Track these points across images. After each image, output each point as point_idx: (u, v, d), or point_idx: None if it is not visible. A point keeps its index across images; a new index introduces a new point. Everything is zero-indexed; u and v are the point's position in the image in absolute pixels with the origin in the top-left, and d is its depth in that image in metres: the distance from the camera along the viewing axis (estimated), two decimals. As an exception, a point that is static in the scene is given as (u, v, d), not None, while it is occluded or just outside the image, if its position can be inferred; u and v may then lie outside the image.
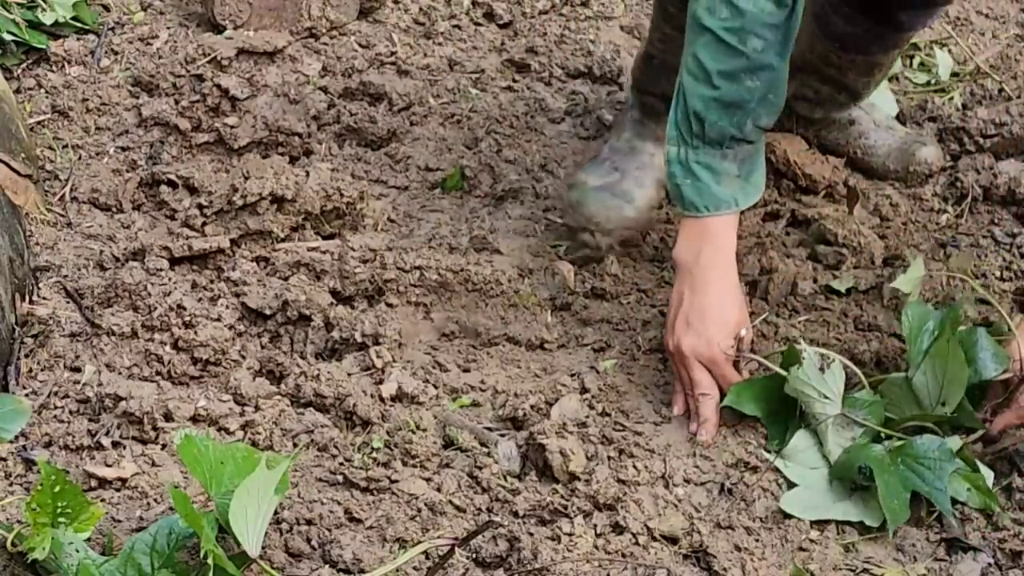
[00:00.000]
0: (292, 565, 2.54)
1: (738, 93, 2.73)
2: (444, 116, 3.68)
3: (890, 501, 2.64)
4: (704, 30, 2.72)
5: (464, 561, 2.57)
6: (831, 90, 3.49)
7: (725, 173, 2.79)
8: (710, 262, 2.81)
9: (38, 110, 3.63)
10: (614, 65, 3.84)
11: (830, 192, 3.48)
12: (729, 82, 2.72)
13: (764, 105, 2.76)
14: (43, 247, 3.22)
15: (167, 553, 2.41)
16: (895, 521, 2.64)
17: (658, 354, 3.03)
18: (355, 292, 3.13)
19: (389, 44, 3.92)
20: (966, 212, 3.47)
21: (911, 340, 2.83)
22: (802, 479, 2.74)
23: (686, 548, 2.63)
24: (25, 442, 2.76)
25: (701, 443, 2.81)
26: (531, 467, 2.77)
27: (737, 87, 2.72)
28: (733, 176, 2.79)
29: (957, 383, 2.74)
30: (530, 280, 3.20)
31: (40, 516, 2.38)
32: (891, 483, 2.66)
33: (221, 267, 3.19)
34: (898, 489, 2.66)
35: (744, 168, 2.80)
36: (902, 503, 2.65)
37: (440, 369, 3.01)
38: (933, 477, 2.67)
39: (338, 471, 2.72)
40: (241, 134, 3.54)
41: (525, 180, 3.47)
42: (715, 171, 2.78)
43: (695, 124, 2.76)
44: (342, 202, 3.31)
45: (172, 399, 2.83)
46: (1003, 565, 2.65)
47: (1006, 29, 4.10)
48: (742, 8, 2.69)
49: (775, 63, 2.73)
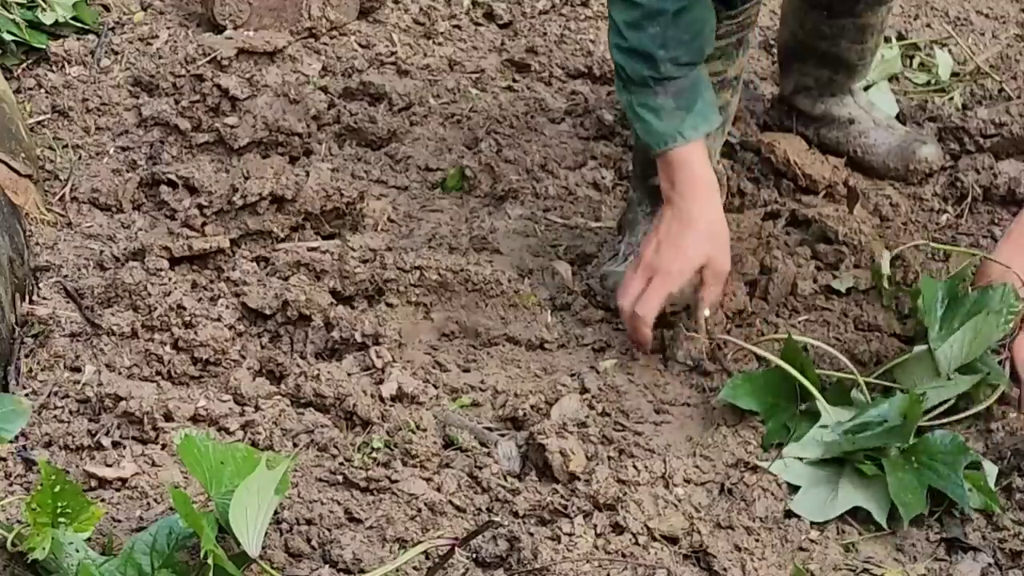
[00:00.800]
0: (292, 565, 2.54)
1: (641, 41, 2.87)
2: (444, 116, 3.68)
3: (904, 496, 2.65)
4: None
5: (464, 561, 2.57)
6: (829, 72, 3.52)
7: (663, 109, 2.91)
8: (685, 189, 2.93)
9: (38, 110, 3.63)
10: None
11: (830, 192, 3.48)
12: (633, 31, 2.87)
13: (675, 45, 2.88)
14: (43, 247, 3.22)
15: (167, 553, 2.41)
16: (909, 513, 2.65)
17: (658, 354, 3.04)
18: (355, 292, 3.13)
19: (389, 44, 3.92)
20: (966, 212, 3.48)
21: (927, 312, 2.86)
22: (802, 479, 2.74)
23: (686, 548, 2.63)
24: (25, 442, 2.76)
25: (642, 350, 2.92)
26: (531, 467, 2.77)
27: (640, 34, 2.87)
28: (672, 110, 2.90)
29: (982, 339, 2.78)
30: (530, 280, 3.20)
31: (40, 516, 2.38)
32: (905, 480, 2.67)
33: (221, 267, 3.19)
34: (914, 485, 2.67)
35: (682, 101, 2.90)
36: (917, 498, 2.66)
37: (440, 369, 3.01)
38: (948, 471, 2.68)
39: (338, 471, 2.72)
40: (241, 134, 3.54)
41: (525, 180, 3.47)
42: (654, 109, 2.91)
43: (621, 72, 2.92)
44: (342, 202, 3.31)
45: (172, 399, 2.83)
46: (1003, 565, 2.65)
47: (1006, 29, 4.10)
48: None
49: (669, 6, 2.84)
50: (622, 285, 2.98)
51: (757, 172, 3.54)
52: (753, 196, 3.48)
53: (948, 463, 2.69)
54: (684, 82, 2.90)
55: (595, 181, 3.48)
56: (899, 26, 4.05)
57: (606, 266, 3.22)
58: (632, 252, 3.19)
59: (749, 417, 2.85)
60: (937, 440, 2.71)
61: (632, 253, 3.18)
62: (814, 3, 3.43)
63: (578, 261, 3.27)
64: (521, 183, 3.46)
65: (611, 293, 3.14)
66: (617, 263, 3.20)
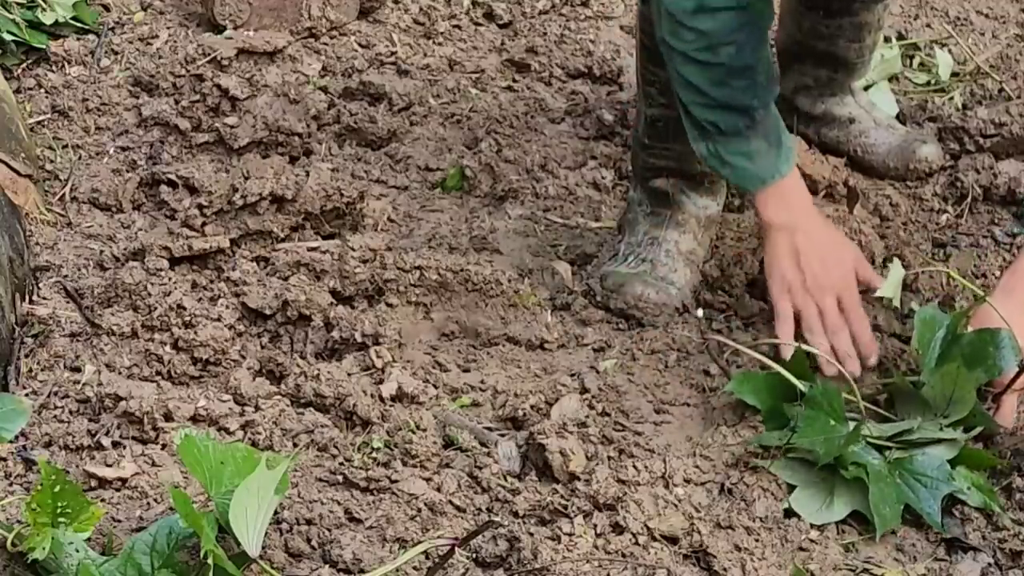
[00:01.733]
0: (292, 565, 2.54)
1: (732, 96, 2.82)
2: (444, 116, 3.68)
3: (882, 508, 2.65)
4: (676, 52, 2.82)
5: (464, 561, 2.57)
6: (828, 71, 3.52)
7: (757, 152, 2.88)
8: (802, 211, 2.96)
9: (38, 110, 3.63)
10: (614, 65, 3.84)
11: (830, 192, 3.48)
12: (718, 87, 2.81)
13: (763, 92, 2.86)
14: (43, 247, 3.22)
15: (167, 553, 2.41)
16: (883, 526, 2.65)
17: (658, 354, 3.04)
18: (355, 292, 3.13)
19: (389, 44, 3.92)
20: (966, 212, 3.47)
21: (922, 347, 2.85)
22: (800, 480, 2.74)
23: (686, 548, 2.63)
24: (25, 442, 2.76)
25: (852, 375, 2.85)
26: (531, 467, 2.77)
27: (727, 90, 2.82)
28: (765, 150, 2.88)
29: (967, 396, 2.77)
30: (530, 280, 3.20)
31: (40, 516, 2.38)
32: (885, 492, 2.67)
33: (221, 267, 3.19)
34: (892, 499, 2.67)
35: (771, 138, 2.89)
36: (894, 512, 2.66)
37: (440, 369, 3.01)
38: (928, 495, 2.68)
39: (338, 471, 2.72)
40: (241, 134, 3.54)
41: (525, 180, 3.47)
42: (747, 154, 2.88)
43: (708, 126, 2.86)
44: (342, 202, 3.31)
45: (172, 399, 2.83)
46: (1003, 565, 2.65)
47: (1006, 29, 4.10)
48: (703, 29, 2.77)
49: (751, 60, 2.81)
50: (780, 319, 2.94)
51: (757, 172, 3.54)
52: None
53: (929, 486, 2.69)
54: (769, 119, 2.88)
55: (595, 181, 3.48)
56: (899, 26, 4.05)
57: (606, 266, 3.21)
58: (632, 252, 3.19)
59: (749, 417, 2.85)
60: (925, 461, 2.71)
61: (632, 254, 3.19)
62: (811, 4, 3.44)
63: (578, 261, 3.27)
64: (521, 183, 3.46)
65: (611, 294, 3.14)
66: (617, 263, 3.20)
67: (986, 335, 2.81)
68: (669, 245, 3.21)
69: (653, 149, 3.20)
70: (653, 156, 3.21)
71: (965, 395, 2.76)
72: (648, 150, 3.21)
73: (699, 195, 3.22)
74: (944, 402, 2.78)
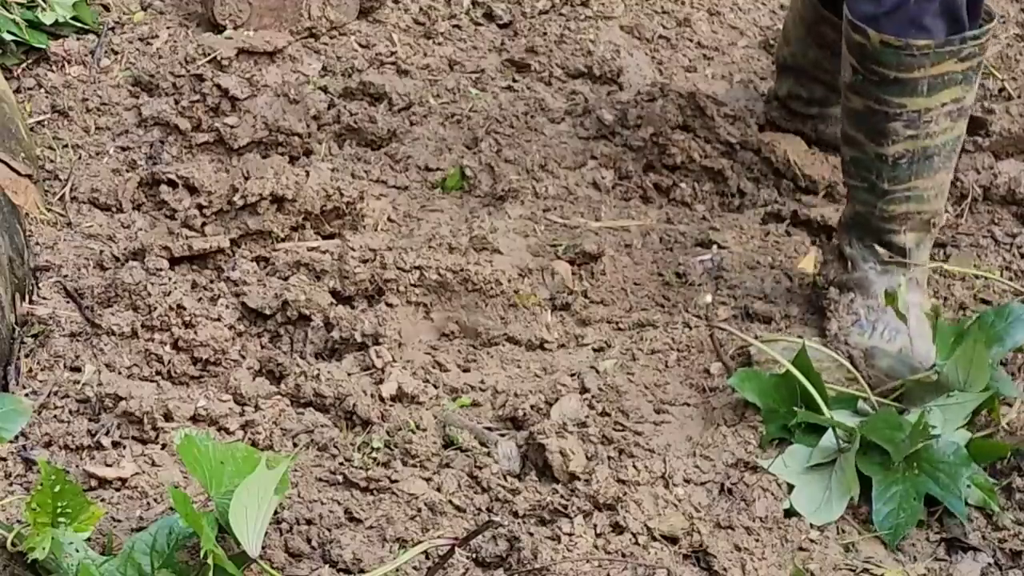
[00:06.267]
0: (292, 565, 2.55)
1: None
2: (444, 116, 3.68)
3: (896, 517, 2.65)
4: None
5: (464, 561, 2.57)
6: (824, 90, 3.54)
7: None
8: None
9: (38, 110, 3.63)
10: (614, 65, 3.84)
11: (830, 192, 3.48)
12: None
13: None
14: (43, 247, 3.22)
15: (167, 553, 2.41)
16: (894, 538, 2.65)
17: (658, 354, 3.04)
18: (355, 292, 3.13)
19: (389, 44, 3.92)
20: (966, 212, 3.48)
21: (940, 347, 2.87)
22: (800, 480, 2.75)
23: (686, 548, 2.63)
24: (25, 442, 2.76)
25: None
26: (531, 467, 2.77)
27: None
28: None
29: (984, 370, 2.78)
30: (530, 280, 3.20)
31: (40, 516, 2.38)
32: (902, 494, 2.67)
33: (221, 267, 3.19)
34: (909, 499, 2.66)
35: None
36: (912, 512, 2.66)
37: (440, 369, 3.01)
38: (948, 481, 2.68)
39: (338, 471, 2.72)
40: (241, 134, 3.54)
41: (525, 180, 3.47)
42: None
43: None
44: (342, 202, 3.31)
45: (172, 399, 2.83)
46: (1003, 565, 2.65)
47: (1006, 29, 4.10)
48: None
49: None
50: None
51: (757, 172, 3.54)
52: (753, 196, 3.48)
53: (949, 472, 2.69)
54: None
55: (595, 181, 3.48)
56: (899, 26, 4.05)
57: (869, 340, 3.00)
58: (878, 319, 3.00)
59: (749, 417, 2.85)
60: (941, 448, 2.71)
61: (878, 320, 3.00)
62: (819, 43, 3.45)
63: (578, 261, 3.27)
64: (521, 183, 3.46)
65: (887, 379, 2.95)
66: (876, 338, 3.00)
67: (995, 312, 2.83)
68: (915, 310, 2.99)
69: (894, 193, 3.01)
70: (894, 203, 3.02)
71: (982, 370, 2.76)
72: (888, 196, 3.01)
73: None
74: (962, 382, 2.78)
